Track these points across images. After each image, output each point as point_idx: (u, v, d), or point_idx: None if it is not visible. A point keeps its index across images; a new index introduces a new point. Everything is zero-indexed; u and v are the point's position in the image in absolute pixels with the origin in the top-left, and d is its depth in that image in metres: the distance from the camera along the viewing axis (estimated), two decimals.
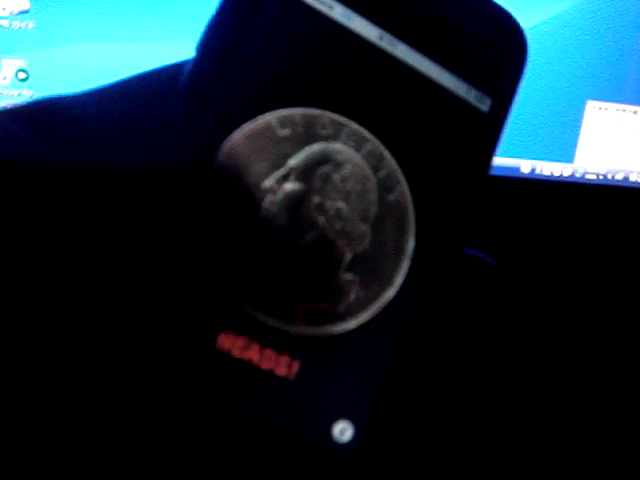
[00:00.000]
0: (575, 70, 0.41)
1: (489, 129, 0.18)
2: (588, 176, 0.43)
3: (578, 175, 0.43)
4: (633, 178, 0.44)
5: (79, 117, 0.16)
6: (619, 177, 0.44)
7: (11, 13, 0.35)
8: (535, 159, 0.42)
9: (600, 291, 0.43)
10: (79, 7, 0.35)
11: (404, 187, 0.17)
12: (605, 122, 0.42)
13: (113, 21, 0.36)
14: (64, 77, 0.36)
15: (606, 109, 0.42)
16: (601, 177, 0.43)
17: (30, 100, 0.17)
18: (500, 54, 0.18)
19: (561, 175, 0.43)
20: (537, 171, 0.42)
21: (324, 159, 0.17)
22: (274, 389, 0.16)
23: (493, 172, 0.18)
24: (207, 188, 0.16)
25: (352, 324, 0.17)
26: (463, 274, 0.18)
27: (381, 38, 0.17)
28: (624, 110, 0.42)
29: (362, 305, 0.17)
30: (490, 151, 0.18)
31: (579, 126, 0.42)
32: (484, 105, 0.18)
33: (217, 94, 0.16)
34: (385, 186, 0.17)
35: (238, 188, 0.16)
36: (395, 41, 0.17)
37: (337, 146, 0.17)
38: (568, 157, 0.43)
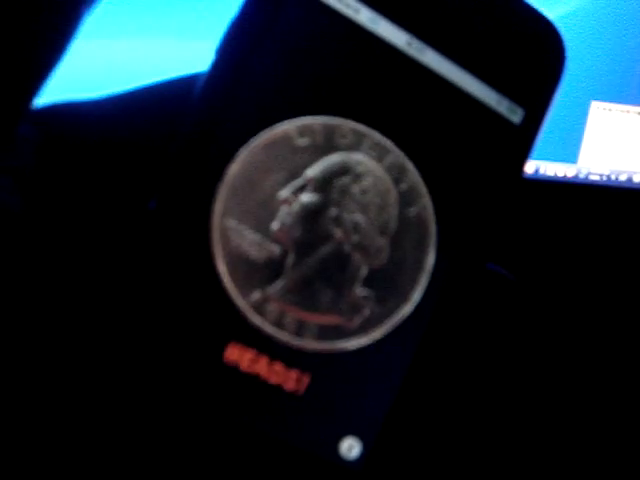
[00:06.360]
0: (580, 71, 0.41)
1: (519, 142, 0.17)
2: (592, 177, 0.43)
3: (582, 176, 0.43)
4: (637, 179, 0.44)
5: (92, 123, 0.16)
6: (623, 178, 0.43)
7: None
8: (539, 159, 0.42)
9: (604, 292, 0.43)
10: None
11: (427, 201, 0.17)
12: (609, 123, 0.42)
13: (118, 17, 0.36)
14: (69, 74, 0.36)
15: (610, 110, 0.42)
16: (605, 178, 0.43)
17: (43, 104, 0.17)
18: (536, 61, 0.17)
19: (565, 175, 0.43)
20: (541, 171, 0.42)
21: (343, 170, 0.16)
22: (281, 404, 0.16)
23: None
24: (219, 199, 0.16)
25: (365, 340, 0.16)
26: (482, 290, 0.18)
27: (409, 44, 0.16)
28: (628, 111, 0.42)
29: (377, 321, 0.16)
30: (519, 165, 0.17)
31: (583, 127, 0.42)
32: (516, 116, 0.17)
33: (235, 100, 0.15)
34: (406, 200, 0.17)
35: (252, 199, 0.16)
36: (424, 47, 0.16)
37: (358, 157, 0.16)
38: (572, 157, 0.42)
